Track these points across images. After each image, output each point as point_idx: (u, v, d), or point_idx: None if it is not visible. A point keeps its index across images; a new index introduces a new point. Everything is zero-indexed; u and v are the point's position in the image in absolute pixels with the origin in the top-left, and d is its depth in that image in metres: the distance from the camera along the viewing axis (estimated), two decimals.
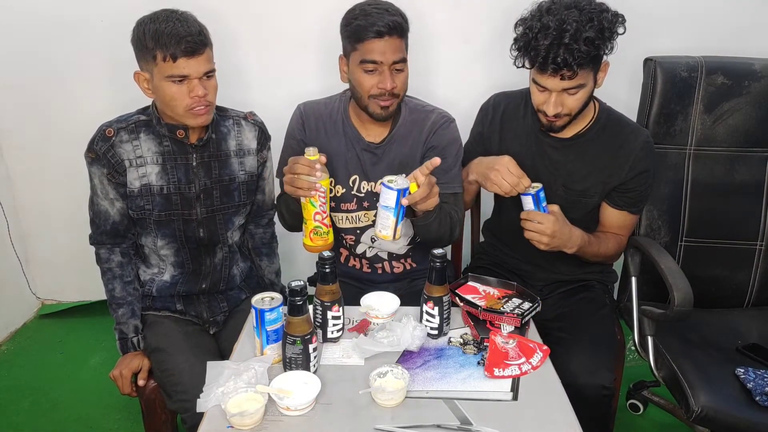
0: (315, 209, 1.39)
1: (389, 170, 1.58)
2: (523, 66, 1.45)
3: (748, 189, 1.74)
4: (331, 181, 1.61)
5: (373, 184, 1.60)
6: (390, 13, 1.44)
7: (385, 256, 1.70)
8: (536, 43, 1.36)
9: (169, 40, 1.34)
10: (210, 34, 1.43)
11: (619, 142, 1.56)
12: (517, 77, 1.64)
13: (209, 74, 1.42)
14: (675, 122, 1.73)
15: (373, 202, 1.61)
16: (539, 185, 1.50)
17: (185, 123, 1.45)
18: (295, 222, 1.55)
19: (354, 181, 1.61)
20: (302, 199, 1.40)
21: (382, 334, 1.31)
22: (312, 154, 1.35)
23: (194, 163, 1.51)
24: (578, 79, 1.39)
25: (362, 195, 1.62)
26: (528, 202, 1.50)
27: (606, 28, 1.36)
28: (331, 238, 1.45)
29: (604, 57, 1.43)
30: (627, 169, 1.55)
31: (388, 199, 1.31)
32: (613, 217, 1.62)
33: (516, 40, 1.44)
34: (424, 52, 2.09)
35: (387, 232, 1.33)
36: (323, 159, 1.36)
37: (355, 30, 1.45)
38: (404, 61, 1.48)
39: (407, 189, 1.31)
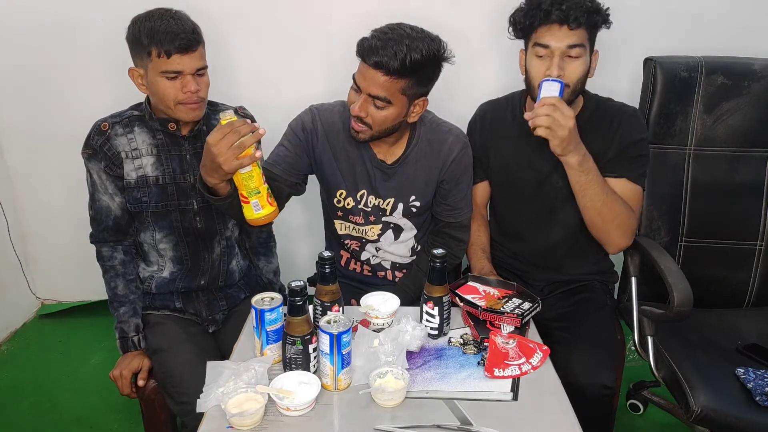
0: (261, 170, 1.29)
1: (398, 188, 1.57)
2: (525, 30, 1.49)
3: (748, 189, 1.74)
4: (342, 193, 1.60)
5: (380, 200, 1.59)
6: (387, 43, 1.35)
7: (388, 265, 1.70)
8: (539, 1, 1.43)
9: (164, 37, 1.37)
10: (203, 33, 1.44)
11: (609, 120, 1.58)
12: (517, 80, 1.63)
13: (201, 71, 1.44)
14: (675, 122, 1.72)
15: (378, 216, 1.61)
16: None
17: (178, 117, 1.47)
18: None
19: (362, 196, 1.59)
20: (246, 169, 1.26)
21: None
22: (228, 116, 1.25)
23: (188, 155, 1.53)
24: (579, 36, 1.43)
25: (369, 209, 1.60)
26: (555, 89, 1.42)
27: None
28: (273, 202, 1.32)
29: (597, 37, 1.48)
30: (619, 138, 1.56)
31: (324, 343, 1.16)
32: (614, 188, 1.56)
33: (516, 12, 1.50)
34: None
35: (327, 381, 1.18)
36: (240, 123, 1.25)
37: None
38: (381, 98, 1.38)
39: (347, 331, 1.16)
